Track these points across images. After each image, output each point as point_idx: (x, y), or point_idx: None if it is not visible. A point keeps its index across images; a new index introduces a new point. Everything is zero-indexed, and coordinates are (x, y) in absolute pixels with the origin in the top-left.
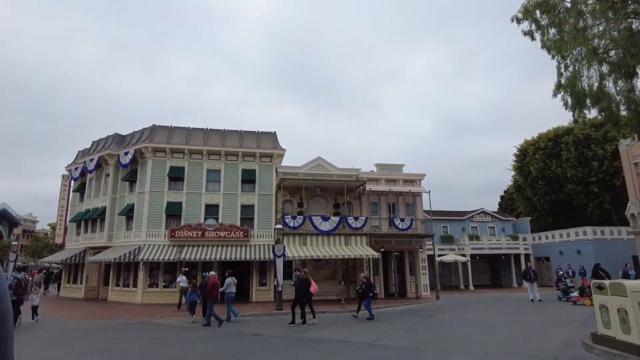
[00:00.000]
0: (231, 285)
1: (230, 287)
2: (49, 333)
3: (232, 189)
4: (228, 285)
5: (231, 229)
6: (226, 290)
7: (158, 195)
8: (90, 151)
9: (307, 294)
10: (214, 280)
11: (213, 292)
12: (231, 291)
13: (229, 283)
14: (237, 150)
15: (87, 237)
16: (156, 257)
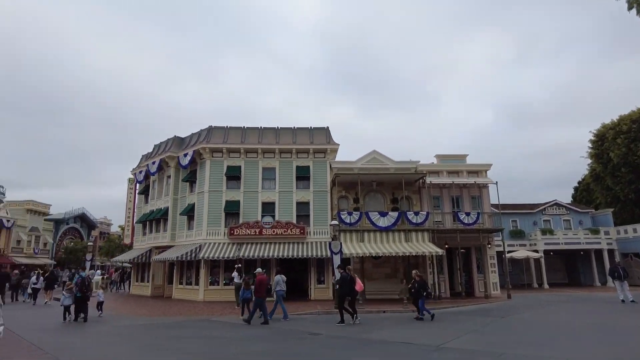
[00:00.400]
0: (280, 282)
1: (280, 285)
2: (114, 329)
3: (287, 186)
4: (277, 283)
5: (287, 226)
6: (276, 289)
7: (217, 195)
8: (152, 154)
9: (352, 292)
10: (260, 278)
11: (260, 290)
12: (281, 289)
13: (277, 281)
14: (291, 147)
15: (152, 237)
16: (216, 255)
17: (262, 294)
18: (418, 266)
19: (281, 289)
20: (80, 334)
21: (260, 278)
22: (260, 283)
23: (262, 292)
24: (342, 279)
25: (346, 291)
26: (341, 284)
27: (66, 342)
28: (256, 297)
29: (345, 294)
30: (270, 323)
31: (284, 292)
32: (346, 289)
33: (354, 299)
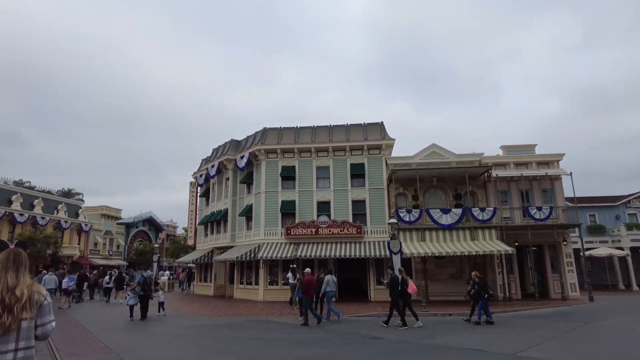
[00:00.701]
0: (330, 283)
1: (330, 286)
2: (177, 329)
3: (342, 185)
4: (327, 284)
5: (344, 225)
6: (326, 289)
7: (273, 195)
8: (211, 158)
9: (405, 294)
10: (309, 278)
11: (309, 290)
12: (331, 289)
13: (327, 281)
14: (344, 144)
15: (213, 238)
16: (274, 255)
17: (310, 294)
18: (485, 266)
19: (331, 290)
20: (144, 334)
21: (309, 279)
22: (309, 284)
23: (311, 293)
24: (392, 281)
25: (397, 293)
26: (391, 286)
27: (132, 341)
28: (304, 298)
29: (397, 296)
30: (328, 325)
31: (334, 292)
32: (397, 291)
33: (407, 302)
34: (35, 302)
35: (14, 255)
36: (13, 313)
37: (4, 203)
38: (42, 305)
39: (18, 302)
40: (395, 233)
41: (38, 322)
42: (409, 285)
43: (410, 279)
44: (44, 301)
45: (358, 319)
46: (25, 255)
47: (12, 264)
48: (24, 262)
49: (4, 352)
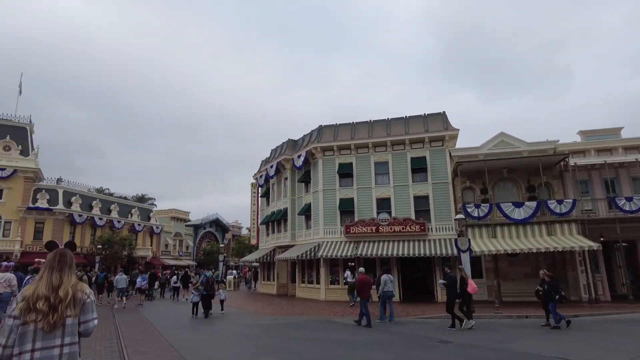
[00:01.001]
0: (387, 283)
1: (387, 285)
2: (238, 328)
3: (402, 180)
4: (385, 284)
5: (406, 222)
6: (384, 289)
7: (331, 193)
8: (270, 159)
9: (464, 294)
10: (362, 278)
11: (363, 290)
12: (388, 289)
13: (385, 281)
14: (403, 137)
15: (274, 237)
16: (334, 253)
17: (366, 294)
18: (565, 264)
19: (388, 290)
20: (207, 332)
21: (362, 278)
22: (362, 283)
23: (367, 293)
24: (449, 280)
25: (455, 293)
26: (449, 286)
27: (194, 339)
28: (361, 298)
29: (454, 297)
30: (391, 327)
31: (391, 292)
32: (455, 291)
33: (467, 303)
34: (78, 301)
35: (60, 255)
36: (58, 311)
37: (86, 208)
38: (85, 303)
39: (62, 301)
40: (463, 230)
41: (81, 319)
42: (468, 284)
43: (470, 278)
44: (87, 299)
45: (424, 320)
46: (71, 255)
47: (57, 264)
48: (69, 262)
49: (52, 347)
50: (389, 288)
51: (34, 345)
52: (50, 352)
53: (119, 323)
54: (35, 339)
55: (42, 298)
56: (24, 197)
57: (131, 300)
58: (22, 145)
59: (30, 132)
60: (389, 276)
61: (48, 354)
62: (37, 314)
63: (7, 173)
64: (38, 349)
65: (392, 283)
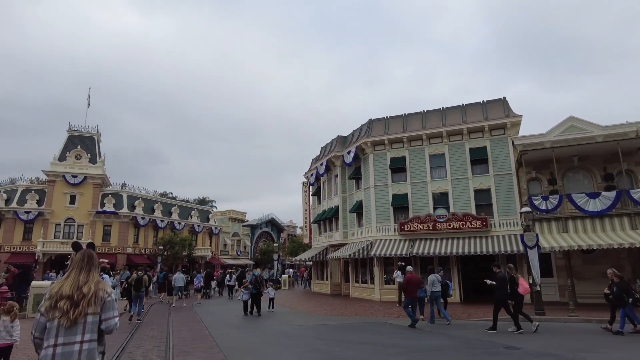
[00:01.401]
0: (435, 282)
1: (435, 285)
2: (287, 329)
3: (460, 173)
4: (432, 283)
5: (465, 218)
6: (432, 289)
7: (383, 189)
8: (320, 157)
9: (514, 295)
10: (409, 277)
11: (408, 290)
12: (436, 289)
13: (432, 281)
14: (460, 127)
15: (326, 236)
16: (388, 252)
17: (412, 294)
18: None
19: (436, 290)
20: (256, 332)
21: (408, 277)
22: (409, 282)
23: (413, 293)
24: (498, 280)
25: (504, 294)
26: (498, 286)
27: (241, 340)
28: (406, 298)
29: (503, 298)
30: (449, 329)
31: (439, 293)
32: (504, 292)
33: (518, 305)
34: (99, 299)
35: (87, 256)
36: (80, 307)
37: (148, 211)
38: (105, 301)
39: (84, 297)
40: (529, 224)
41: (102, 317)
42: (519, 284)
43: (522, 278)
44: (107, 298)
45: (487, 323)
46: (96, 257)
47: (85, 265)
48: (95, 262)
49: (72, 343)
50: (436, 288)
51: (56, 340)
52: (70, 347)
53: (173, 322)
54: (58, 335)
55: (64, 297)
56: (93, 201)
57: (190, 299)
58: (91, 153)
59: (98, 141)
60: (436, 276)
61: (69, 350)
62: (59, 311)
63: (79, 180)
64: (60, 344)
65: (439, 283)
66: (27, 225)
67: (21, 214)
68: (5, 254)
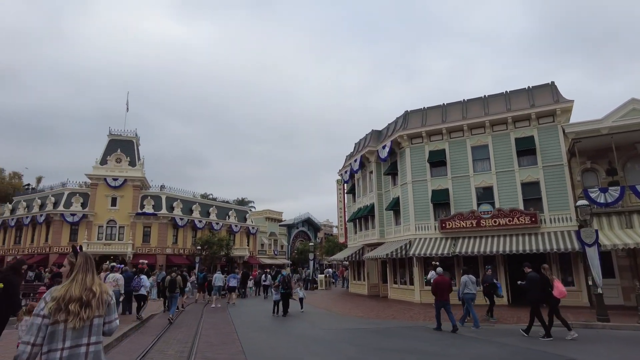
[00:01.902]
0: (468, 284)
1: (468, 287)
2: (320, 331)
3: (506, 166)
4: (464, 285)
5: (512, 214)
6: (464, 291)
7: (421, 185)
8: (354, 153)
9: (549, 298)
10: (438, 279)
11: (438, 292)
12: (469, 291)
13: (464, 282)
14: (505, 116)
15: (362, 235)
16: (428, 251)
17: (442, 297)
18: None
19: (469, 291)
20: (284, 337)
21: (438, 279)
22: (438, 285)
23: (444, 295)
24: (529, 281)
25: (537, 296)
26: (529, 287)
27: (269, 345)
28: (436, 301)
29: (536, 300)
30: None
31: (473, 295)
32: (536, 294)
33: (553, 308)
34: (104, 301)
35: (89, 258)
36: (91, 307)
37: (187, 212)
38: (109, 304)
39: (94, 296)
40: (587, 219)
41: (106, 319)
42: (554, 286)
43: (557, 280)
44: (111, 301)
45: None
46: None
47: (89, 267)
48: (94, 264)
49: (79, 345)
50: (469, 290)
51: (63, 344)
52: (77, 350)
53: (204, 324)
54: (65, 338)
55: (75, 300)
56: (133, 203)
57: (225, 300)
58: (130, 156)
59: (136, 145)
60: (470, 277)
61: (76, 352)
62: (67, 314)
63: (119, 182)
64: (67, 348)
65: (473, 284)
66: (73, 227)
67: (67, 217)
68: (54, 254)
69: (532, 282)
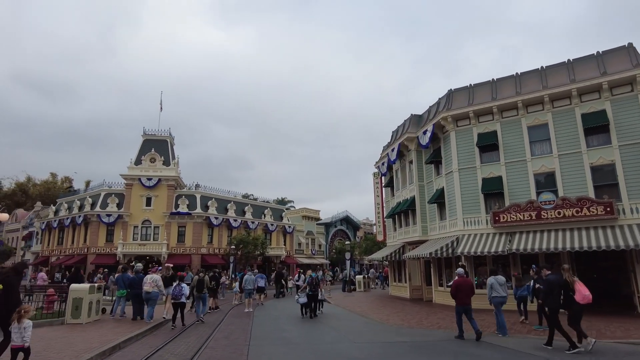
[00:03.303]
0: (495, 286)
1: (496, 290)
2: (347, 344)
3: (571, 146)
4: (491, 287)
5: (581, 204)
6: (491, 294)
7: (469, 173)
8: (391, 142)
9: (571, 304)
10: (457, 282)
11: (458, 297)
12: (497, 294)
13: (491, 284)
14: (567, 88)
15: (402, 232)
16: (478, 249)
17: (463, 302)
18: None
19: (497, 295)
20: (303, 353)
21: (458, 282)
22: (458, 287)
23: (464, 300)
24: (547, 284)
25: (556, 303)
26: (546, 292)
27: None
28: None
29: (555, 307)
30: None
31: (502, 299)
32: (555, 300)
33: (575, 316)
34: None
35: None
36: None
37: (222, 211)
38: None
39: None
40: None
41: None
42: (576, 290)
43: (580, 282)
44: None
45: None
46: None
47: None
48: None
49: None
50: (497, 293)
51: None
52: None
53: (217, 332)
54: None
55: None
56: (167, 203)
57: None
58: (164, 156)
59: (171, 144)
60: (497, 278)
61: None
62: None
63: (154, 182)
64: None
65: (502, 286)
66: (109, 228)
67: (103, 217)
68: (91, 255)
69: (551, 285)
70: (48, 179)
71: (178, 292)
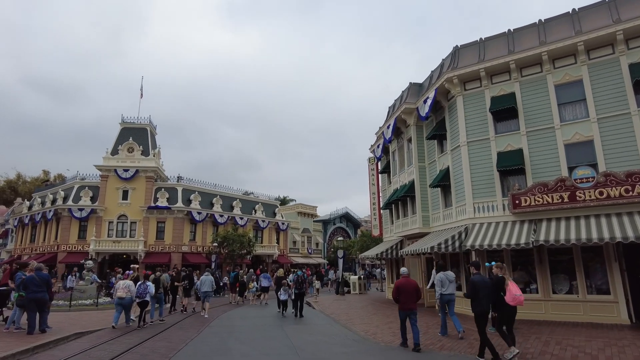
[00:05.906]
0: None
1: (443, 287)
2: None
3: (614, 108)
4: (441, 283)
5: (632, 180)
6: (440, 291)
7: (480, 146)
8: (387, 118)
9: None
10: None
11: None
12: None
13: (441, 280)
14: (610, 31)
15: (399, 225)
16: (493, 242)
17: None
18: None
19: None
20: None
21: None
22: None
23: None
24: (471, 287)
25: (482, 306)
26: (471, 296)
27: None
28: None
29: (480, 311)
30: None
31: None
32: (482, 303)
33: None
34: None
35: None
36: None
37: (206, 205)
38: None
39: None
40: None
41: None
42: (507, 290)
43: (512, 281)
44: None
45: None
46: None
47: None
48: None
49: None
50: (446, 290)
51: None
52: None
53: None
54: None
55: None
56: (145, 196)
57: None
58: (143, 145)
59: (151, 133)
60: (446, 274)
61: None
62: None
63: (131, 174)
64: None
65: (452, 283)
66: (82, 224)
67: (75, 212)
68: (62, 253)
69: (476, 288)
70: (39, 176)
71: (143, 290)
